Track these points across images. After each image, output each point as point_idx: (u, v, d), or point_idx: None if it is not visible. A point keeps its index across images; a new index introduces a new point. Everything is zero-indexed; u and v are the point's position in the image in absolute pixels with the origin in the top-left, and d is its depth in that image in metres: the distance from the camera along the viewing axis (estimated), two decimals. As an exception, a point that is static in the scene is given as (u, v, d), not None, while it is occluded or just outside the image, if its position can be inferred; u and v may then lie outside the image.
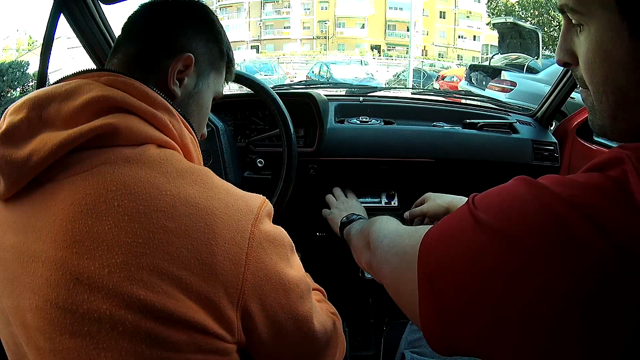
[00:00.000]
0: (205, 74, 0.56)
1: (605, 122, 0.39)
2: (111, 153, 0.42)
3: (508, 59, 6.06)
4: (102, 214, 0.40)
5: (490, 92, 4.97)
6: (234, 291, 0.42)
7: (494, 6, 15.56)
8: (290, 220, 1.15)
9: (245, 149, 1.11)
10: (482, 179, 1.19)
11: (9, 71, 8.37)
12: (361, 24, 29.28)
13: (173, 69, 0.51)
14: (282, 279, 0.47)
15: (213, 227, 0.42)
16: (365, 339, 1.19)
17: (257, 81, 0.99)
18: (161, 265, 0.39)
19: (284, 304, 0.47)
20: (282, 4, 29.40)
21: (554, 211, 0.31)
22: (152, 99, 0.47)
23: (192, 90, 0.55)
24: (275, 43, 29.22)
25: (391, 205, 1.14)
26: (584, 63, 0.38)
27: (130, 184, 0.41)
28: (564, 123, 1.30)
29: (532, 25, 8.59)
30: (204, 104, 0.58)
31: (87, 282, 0.39)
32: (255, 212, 0.45)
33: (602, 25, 0.35)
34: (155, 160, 0.43)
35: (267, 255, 0.45)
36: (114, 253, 0.39)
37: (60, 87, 0.44)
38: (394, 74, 13.99)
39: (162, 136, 0.46)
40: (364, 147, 1.12)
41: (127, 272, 0.39)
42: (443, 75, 9.84)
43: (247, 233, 0.44)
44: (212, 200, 0.43)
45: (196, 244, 0.41)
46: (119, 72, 0.48)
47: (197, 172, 0.45)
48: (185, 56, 0.51)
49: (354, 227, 0.80)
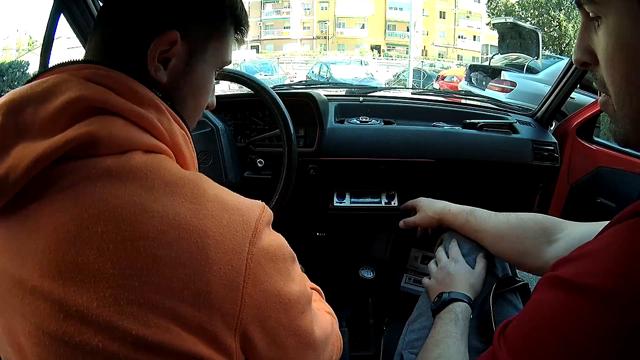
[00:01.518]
0: (199, 47, 0.47)
1: (627, 127, 0.35)
2: (92, 166, 0.38)
3: (508, 59, 6.06)
4: (86, 242, 0.36)
5: (490, 92, 4.97)
6: (232, 318, 0.40)
7: (494, 6, 15.57)
8: (290, 220, 1.16)
9: (245, 149, 1.11)
10: (482, 179, 1.19)
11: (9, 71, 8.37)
12: (361, 24, 29.28)
13: (152, 52, 0.44)
14: (283, 298, 0.43)
15: (206, 251, 0.38)
16: (365, 339, 1.19)
17: (257, 81, 0.99)
18: (152, 298, 0.36)
19: (285, 323, 0.44)
20: (282, 4, 29.41)
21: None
22: (137, 95, 0.42)
23: (183, 71, 0.47)
24: (275, 43, 29.22)
25: (391, 205, 1.14)
26: (604, 60, 0.35)
27: (113, 206, 0.37)
28: (564, 123, 1.30)
29: (532, 25, 8.59)
30: (201, 83, 0.50)
31: (77, 315, 0.36)
32: (253, 226, 0.41)
33: (621, 15, 0.32)
34: (141, 172, 0.39)
35: (267, 275, 0.42)
36: (102, 286, 0.36)
37: (36, 87, 0.40)
38: (394, 74, 13.98)
39: (149, 139, 0.41)
40: (364, 147, 1.12)
41: (116, 306, 0.36)
42: (443, 75, 9.84)
43: (244, 254, 0.40)
44: (205, 219, 0.39)
45: (189, 272, 0.37)
46: (100, 63, 0.43)
47: (187, 183, 0.40)
48: (168, 34, 0.44)
49: (439, 320, 0.71)
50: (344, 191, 1.16)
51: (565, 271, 0.34)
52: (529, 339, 0.34)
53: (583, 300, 0.31)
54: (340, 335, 0.62)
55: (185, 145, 0.46)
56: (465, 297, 0.73)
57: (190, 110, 0.50)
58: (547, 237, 0.73)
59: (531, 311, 0.36)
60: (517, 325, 0.37)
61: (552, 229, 0.74)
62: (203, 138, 0.99)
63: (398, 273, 1.27)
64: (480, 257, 0.82)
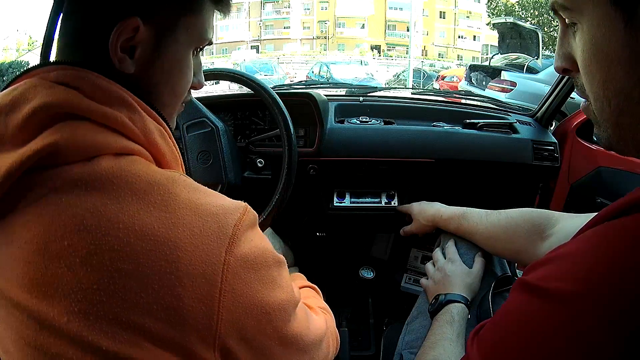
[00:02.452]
0: (168, 27, 0.43)
1: (609, 132, 0.35)
2: (58, 176, 0.37)
3: (508, 59, 6.06)
4: (54, 255, 0.35)
5: (490, 92, 4.97)
6: (208, 333, 0.37)
7: (494, 6, 15.57)
8: (290, 220, 1.16)
9: (245, 149, 1.11)
10: (482, 179, 1.19)
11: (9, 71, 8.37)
12: (361, 24, 29.28)
13: (113, 43, 0.40)
14: (265, 307, 0.41)
15: (176, 264, 0.36)
16: (365, 339, 1.19)
17: (257, 81, 0.99)
18: (120, 313, 0.35)
19: (269, 332, 0.42)
20: (282, 4, 29.40)
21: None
22: (106, 93, 0.40)
23: (152, 56, 0.43)
24: (275, 43, 29.22)
25: (391, 206, 1.14)
26: (582, 66, 0.35)
27: (78, 217, 0.36)
28: (564, 123, 1.30)
29: (532, 25, 8.59)
30: (175, 67, 0.45)
31: (51, 328, 0.36)
32: (230, 232, 0.39)
33: (594, 20, 0.32)
34: (107, 180, 0.37)
35: (246, 285, 0.39)
36: (70, 300, 0.35)
37: (6, 96, 0.39)
38: (394, 74, 13.99)
39: (119, 141, 0.39)
40: (364, 147, 1.12)
41: (86, 321, 0.35)
42: (443, 75, 9.85)
43: (219, 264, 0.37)
44: (175, 229, 0.37)
45: (157, 287, 0.35)
46: (68, 63, 0.41)
47: (158, 188, 0.38)
48: (127, 21, 0.40)
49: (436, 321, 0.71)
50: (344, 191, 1.16)
51: (533, 275, 0.34)
52: (497, 342, 0.35)
53: (544, 304, 0.31)
54: (336, 332, 0.61)
55: (164, 142, 0.43)
56: (461, 297, 0.74)
57: (167, 98, 0.46)
58: (539, 233, 0.73)
59: (500, 315, 0.37)
60: (488, 328, 0.37)
61: (544, 225, 0.74)
62: (203, 138, 0.99)
63: (398, 273, 1.27)
64: (478, 257, 0.82)
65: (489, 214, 0.83)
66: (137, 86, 0.43)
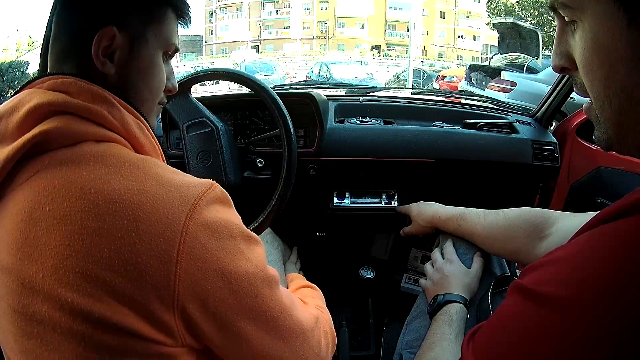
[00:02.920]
0: (139, 34, 0.50)
1: (610, 133, 0.35)
2: (47, 158, 0.43)
3: (508, 59, 6.06)
4: (37, 219, 0.41)
5: (490, 92, 4.97)
6: (166, 293, 0.40)
7: (494, 6, 15.56)
8: (290, 220, 1.16)
9: (245, 149, 1.11)
10: (482, 179, 1.19)
11: (9, 71, 8.37)
12: (361, 24, 29.29)
13: (95, 49, 0.47)
14: (227, 275, 0.43)
15: (137, 223, 0.40)
16: (365, 339, 1.19)
17: (257, 81, 0.99)
18: (86, 267, 0.39)
19: (233, 304, 0.43)
20: (282, 4, 29.41)
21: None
22: (89, 93, 0.46)
23: (128, 58, 0.50)
24: (275, 43, 29.22)
25: (391, 206, 1.14)
26: (582, 65, 0.34)
27: (59, 187, 0.41)
28: (564, 123, 1.30)
29: (532, 25, 8.60)
30: (148, 67, 0.52)
31: (29, 286, 0.40)
32: (192, 202, 0.42)
33: (597, 18, 0.32)
34: (88, 159, 0.43)
35: (206, 250, 0.41)
36: (46, 257, 0.40)
37: (7, 104, 0.46)
38: (393, 74, 13.98)
39: (100, 130, 0.45)
40: (364, 147, 1.12)
41: (56, 275, 0.39)
42: (443, 75, 9.84)
43: (179, 227, 0.40)
44: (140, 195, 0.41)
45: (119, 243, 0.39)
46: (57, 74, 0.48)
47: (131, 165, 0.43)
48: (103, 32, 0.47)
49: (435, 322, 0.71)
50: (344, 191, 1.16)
51: (528, 279, 0.34)
52: (492, 346, 0.35)
53: (538, 309, 0.31)
54: (333, 333, 0.61)
55: (141, 133, 0.49)
56: (460, 298, 0.73)
57: (144, 94, 0.52)
58: (537, 233, 0.73)
59: (495, 318, 0.37)
60: (483, 331, 0.37)
61: (543, 224, 0.74)
62: (203, 138, 0.99)
63: (398, 273, 1.27)
64: (477, 257, 0.82)
65: (487, 214, 0.83)
66: (118, 86, 0.49)
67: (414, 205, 1.00)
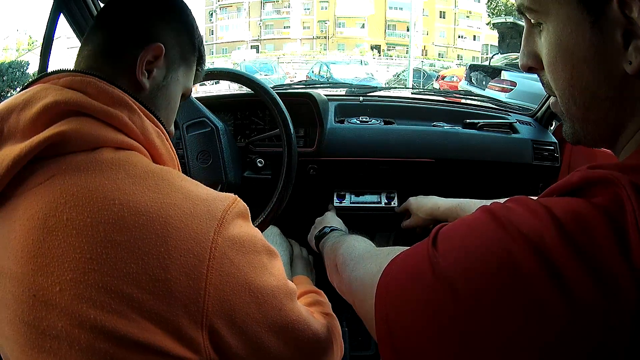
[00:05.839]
0: (175, 67, 0.53)
1: (576, 128, 0.36)
2: (63, 162, 0.41)
3: (508, 59, 6.07)
4: (52, 228, 0.38)
5: (490, 92, 4.97)
6: (195, 309, 0.39)
7: (494, 6, 15.58)
8: (290, 220, 1.16)
9: (245, 149, 1.11)
10: (482, 179, 1.19)
11: (9, 71, 8.38)
12: (361, 23, 29.28)
13: (142, 58, 0.48)
14: (254, 290, 0.42)
15: (166, 238, 0.38)
16: (365, 339, 1.19)
17: (257, 81, 0.99)
18: (110, 282, 0.37)
19: (259, 318, 0.43)
20: (282, 4, 29.40)
21: (513, 262, 0.28)
22: (109, 96, 0.44)
23: (161, 83, 0.52)
24: (275, 43, 29.22)
25: (391, 206, 1.14)
26: (547, 65, 0.36)
27: (78, 195, 0.39)
28: (564, 123, 1.30)
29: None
30: (172, 98, 0.54)
31: (43, 299, 0.38)
32: (219, 216, 0.41)
33: (560, 21, 0.33)
34: (108, 166, 0.41)
35: (234, 266, 0.41)
36: (64, 270, 0.37)
37: (20, 97, 0.43)
38: (394, 74, 14.00)
39: (120, 137, 0.43)
40: (364, 147, 1.12)
41: (76, 290, 0.37)
42: (443, 75, 9.84)
43: (208, 242, 0.39)
44: (167, 208, 0.39)
45: (147, 258, 0.37)
46: (77, 71, 0.46)
47: (155, 176, 0.42)
48: (155, 46, 0.49)
49: (326, 243, 0.77)
50: (344, 191, 1.16)
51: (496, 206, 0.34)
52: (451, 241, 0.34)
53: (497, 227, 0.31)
54: (342, 340, 0.61)
55: (161, 142, 0.48)
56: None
57: (162, 119, 0.52)
58: None
59: (458, 222, 0.37)
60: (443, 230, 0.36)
61: None
62: (203, 138, 0.99)
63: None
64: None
65: (486, 204, 0.82)
66: (143, 102, 0.48)
67: (412, 199, 1.00)
